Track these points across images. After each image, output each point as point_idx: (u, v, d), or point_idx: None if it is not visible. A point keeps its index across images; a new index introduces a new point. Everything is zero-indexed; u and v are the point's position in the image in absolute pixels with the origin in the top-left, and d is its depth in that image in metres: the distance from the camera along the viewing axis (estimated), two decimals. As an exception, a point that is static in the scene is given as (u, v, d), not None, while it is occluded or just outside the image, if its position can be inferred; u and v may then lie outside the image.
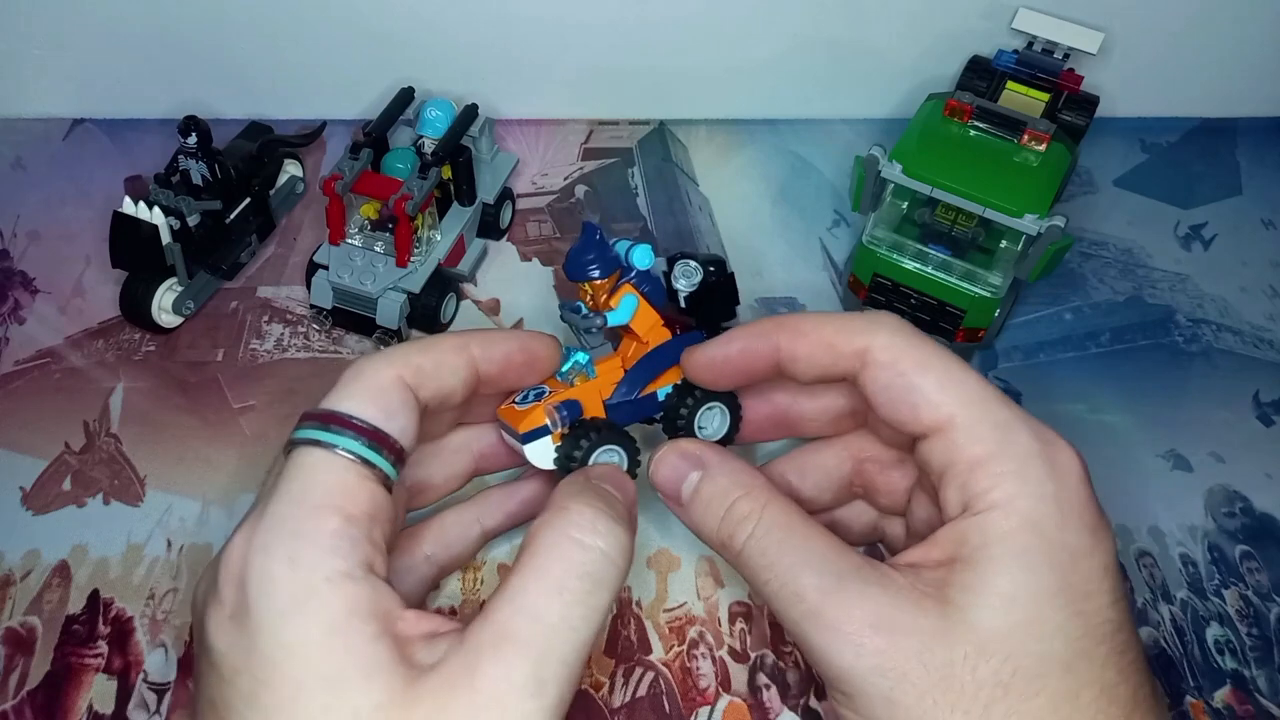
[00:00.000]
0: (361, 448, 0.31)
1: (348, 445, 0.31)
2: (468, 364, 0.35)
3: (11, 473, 0.45)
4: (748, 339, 0.36)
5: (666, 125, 0.60)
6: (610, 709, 0.39)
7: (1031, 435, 0.31)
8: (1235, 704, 0.40)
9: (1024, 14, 0.50)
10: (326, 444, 0.30)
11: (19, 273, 0.52)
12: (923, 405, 0.32)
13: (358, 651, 0.28)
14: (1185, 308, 0.53)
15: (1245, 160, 0.59)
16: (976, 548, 0.30)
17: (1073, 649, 0.29)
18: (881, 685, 0.29)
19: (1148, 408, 0.49)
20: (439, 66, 0.56)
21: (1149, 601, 0.43)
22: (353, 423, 0.31)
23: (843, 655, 0.30)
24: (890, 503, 0.38)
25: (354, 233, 0.49)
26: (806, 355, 0.35)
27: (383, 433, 0.31)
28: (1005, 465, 0.31)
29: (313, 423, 0.31)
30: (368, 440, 0.31)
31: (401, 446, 0.32)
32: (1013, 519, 0.30)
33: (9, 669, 0.39)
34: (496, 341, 0.36)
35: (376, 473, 0.31)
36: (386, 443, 0.31)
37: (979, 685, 0.28)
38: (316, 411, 0.32)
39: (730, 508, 0.34)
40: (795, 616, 0.31)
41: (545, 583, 0.29)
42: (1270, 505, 0.45)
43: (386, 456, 0.31)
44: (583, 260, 0.38)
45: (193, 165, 0.48)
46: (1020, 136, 0.46)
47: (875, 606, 0.30)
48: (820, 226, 0.56)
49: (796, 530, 0.33)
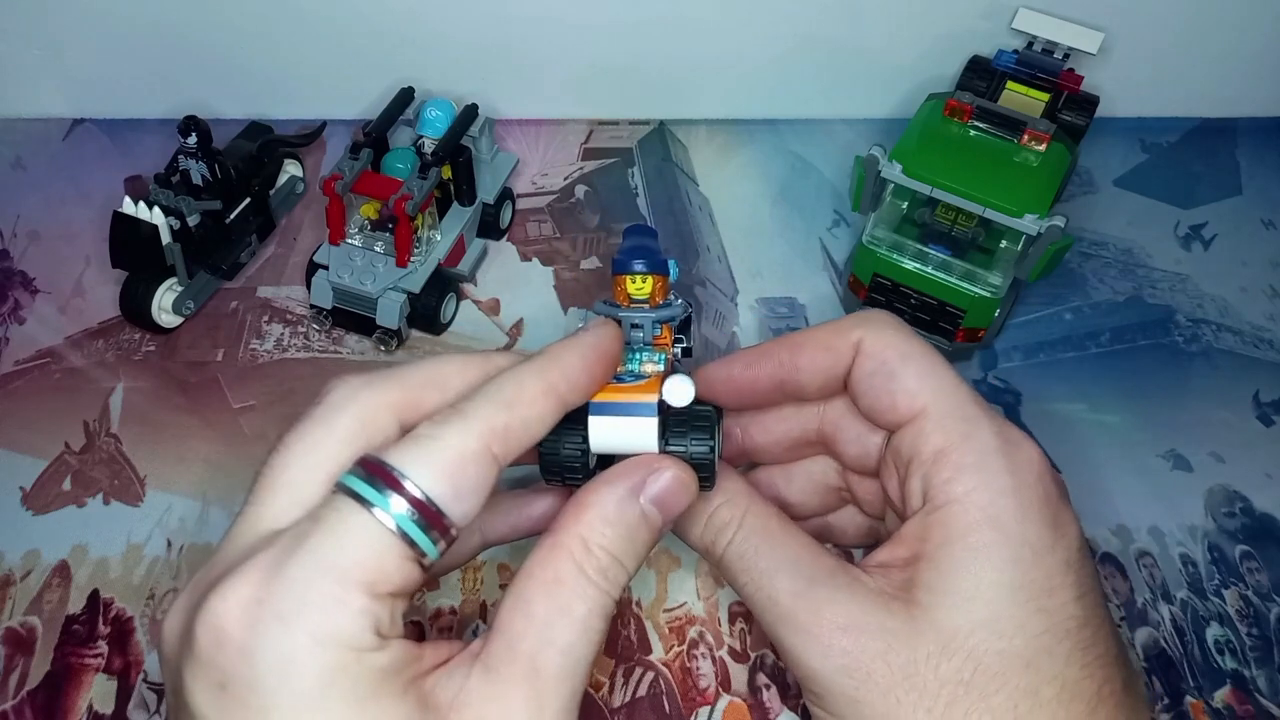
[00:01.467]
0: (414, 528, 0.26)
1: (400, 521, 0.26)
2: (557, 409, 0.30)
3: (11, 473, 0.45)
4: (750, 357, 0.37)
5: (666, 125, 0.60)
6: (610, 709, 0.39)
7: (993, 432, 0.32)
8: (1235, 704, 0.40)
9: (1024, 14, 0.50)
10: (376, 507, 0.26)
11: (19, 273, 0.52)
12: (900, 394, 0.33)
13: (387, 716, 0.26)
14: (1185, 308, 0.53)
15: (1245, 160, 0.59)
16: (939, 545, 0.30)
17: (1033, 645, 0.29)
18: (847, 685, 0.30)
19: (1148, 408, 0.49)
20: (439, 66, 0.56)
21: (1149, 601, 0.43)
22: (415, 498, 0.26)
23: (812, 656, 0.31)
24: (872, 510, 0.38)
25: (354, 233, 0.49)
26: (809, 362, 0.35)
27: (442, 516, 0.26)
28: (966, 458, 0.31)
29: (372, 478, 0.26)
30: (422, 518, 0.26)
31: (455, 532, 0.27)
32: (972, 513, 0.30)
33: (9, 669, 0.39)
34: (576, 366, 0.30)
35: (417, 551, 0.26)
36: (440, 525, 0.27)
37: (941, 683, 0.29)
38: (378, 464, 0.26)
39: (712, 514, 0.34)
40: (770, 620, 0.32)
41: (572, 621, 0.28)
42: (1270, 505, 0.45)
43: (435, 539, 0.27)
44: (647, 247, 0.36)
45: (193, 165, 0.48)
46: (1020, 136, 0.46)
47: (844, 609, 0.31)
48: (820, 226, 0.56)
49: (774, 535, 0.33)
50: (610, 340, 0.32)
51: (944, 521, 0.31)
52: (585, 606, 0.29)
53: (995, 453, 0.31)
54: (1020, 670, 0.29)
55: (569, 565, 0.29)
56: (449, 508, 0.27)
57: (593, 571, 0.29)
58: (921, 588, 0.30)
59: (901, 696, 0.29)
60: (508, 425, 0.28)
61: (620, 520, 0.30)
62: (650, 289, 0.36)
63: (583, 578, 0.29)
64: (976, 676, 0.29)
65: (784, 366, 0.36)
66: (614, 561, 0.30)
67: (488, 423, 0.27)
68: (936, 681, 0.29)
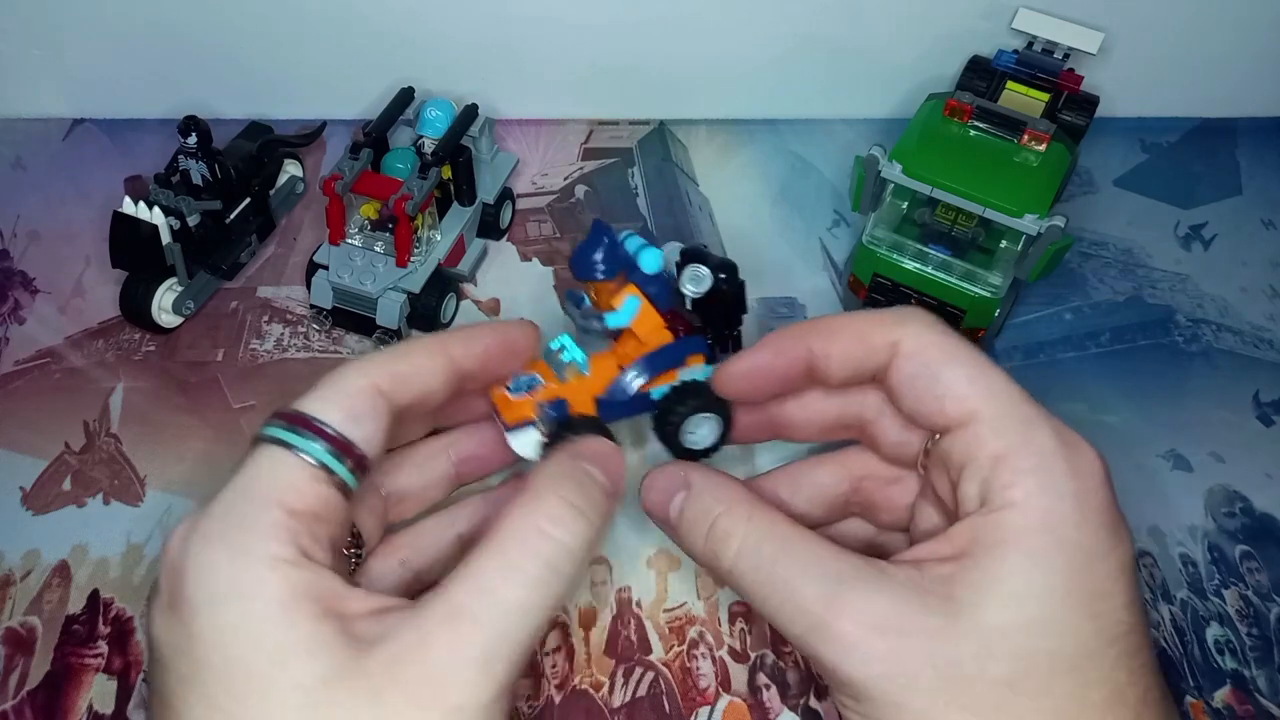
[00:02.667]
0: (320, 451, 0.30)
1: (306, 447, 0.30)
2: (446, 366, 0.35)
3: (11, 473, 0.45)
4: (779, 344, 0.36)
5: (666, 125, 0.60)
6: (610, 709, 0.39)
7: (1053, 434, 0.31)
8: (1235, 704, 0.40)
9: (1024, 14, 0.50)
10: (285, 443, 0.30)
11: (19, 273, 0.52)
12: (949, 398, 0.32)
13: (300, 629, 0.27)
14: (1185, 308, 0.52)
15: (1245, 160, 0.59)
16: (990, 545, 0.30)
17: (1083, 649, 0.29)
18: (891, 690, 0.29)
19: (1148, 408, 0.49)
20: (439, 66, 0.56)
21: (1149, 601, 0.42)
22: (314, 425, 0.31)
23: (852, 665, 0.29)
24: (892, 519, 0.38)
25: (354, 233, 0.49)
26: (841, 352, 0.35)
27: (345, 440, 0.31)
28: (1026, 461, 0.30)
29: (278, 421, 0.31)
30: (328, 444, 0.31)
31: (363, 454, 0.32)
32: (1030, 516, 0.30)
33: (9, 669, 0.39)
34: (475, 338, 0.36)
35: (333, 478, 0.31)
36: (349, 450, 0.31)
37: (988, 685, 0.28)
38: (285, 411, 0.32)
39: (711, 525, 0.34)
40: (799, 631, 0.30)
41: (504, 564, 0.29)
42: (1270, 505, 0.45)
43: (345, 463, 0.31)
44: (589, 259, 0.38)
45: (193, 165, 0.48)
46: (1020, 136, 0.46)
47: (878, 608, 0.29)
48: (820, 226, 0.56)
49: (786, 539, 0.32)
50: (517, 332, 0.37)
51: (1000, 524, 0.30)
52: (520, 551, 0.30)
53: (1057, 456, 0.31)
54: (1068, 673, 0.28)
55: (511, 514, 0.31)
56: (348, 430, 0.31)
57: (546, 522, 0.30)
58: (963, 585, 0.29)
59: (949, 699, 0.28)
60: (395, 370, 0.33)
61: (567, 473, 0.33)
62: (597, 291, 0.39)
63: (527, 525, 0.30)
64: (1025, 679, 0.28)
65: (814, 352, 0.35)
66: (569, 508, 0.31)
67: (379, 366, 0.33)
68: (983, 683, 0.28)
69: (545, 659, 0.40)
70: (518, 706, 0.39)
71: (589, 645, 0.41)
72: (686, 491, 0.35)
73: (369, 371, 0.33)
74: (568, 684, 0.40)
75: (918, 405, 0.33)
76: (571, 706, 0.39)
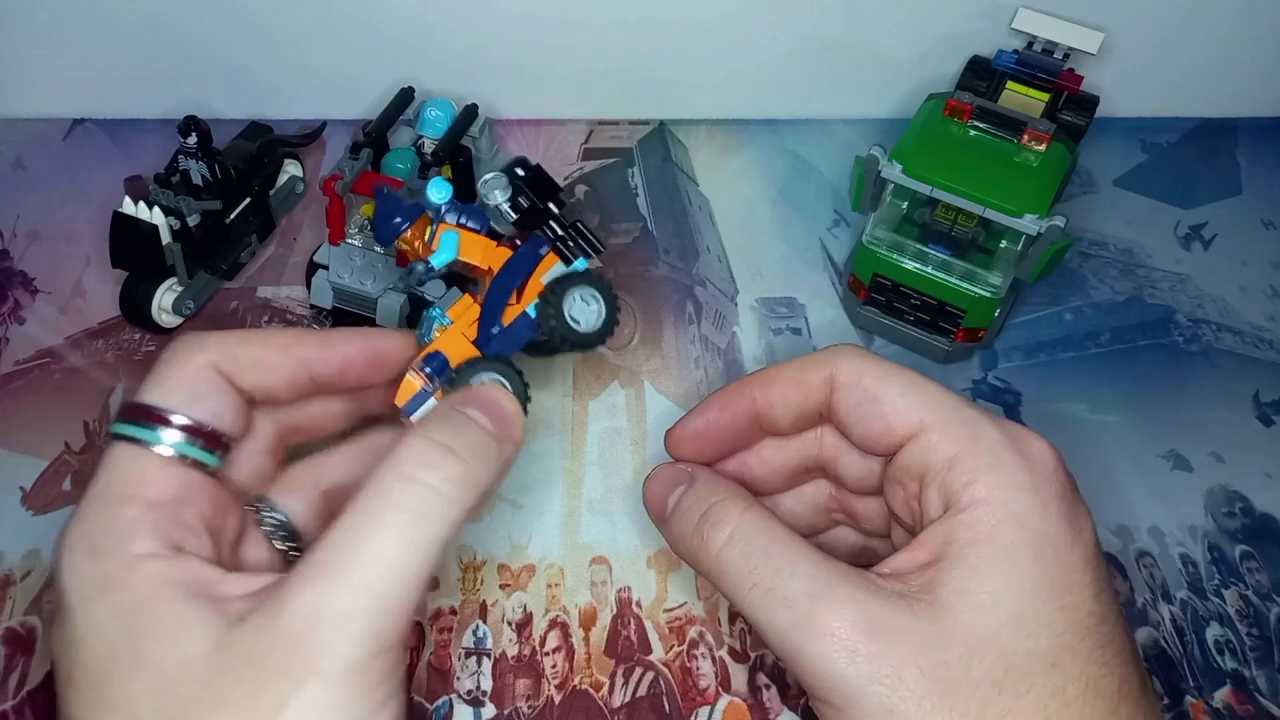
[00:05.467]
0: (166, 439, 0.31)
1: (151, 438, 0.31)
2: (293, 365, 0.34)
3: (11, 473, 0.45)
4: (722, 400, 0.37)
5: (666, 125, 0.60)
6: (610, 709, 0.39)
7: (999, 430, 0.32)
8: (1235, 704, 0.40)
9: (1024, 14, 0.50)
10: (132, 438, 0.31)
11: (19, 273, 0.52)
12: (893, 415, 0.33)
13: (163, 616, 0.28)
14: (1185, 308, 0.53)
15: (1245, 160, 0.59)
16: (964, 544, 0.30)
17: (1057, 644, 0.29)
18: (878, 692, 0.28)
19: (1148, 408, 0.49)
20: (439, 66, 0.56)
21: (1149, 601, 0.43)
22: (156, 414, 0.31)
23: (837, 662, 0.29)
24: (874, 527, 0.38)
25: (354, 233, 0.49)
26: (781, 397, 0.36)
27: (193, 423, 0.31)
28: (980, 459, 0.31)
29: (123, 418, 0.31)
30: (173, 430, 0.31)
31: (215, 430, 0.32)
32: (996, 512, 0.30)
33: (9, 669, 0.39)
34: (335, 343, 0.35)
35: (187, 461, 0.31)
36: (197, 431, 0.31)
37: (974, 685, 0.28)
38: (129, 403, 0.32)
39: (706, 511, 0.34)
40: (783, 624, 0.30)
41: (360, 517, 0.29)
42: (1270, 505, 0.45)
43: (196, 444, 0.31)
44: (386, 223, 0.38)
45: (193, 165, 0.48)
46: (1020, 136, 0.46)
47: (867, 611, 0.29)
48: (820, 226, 0.56)
49: (779, 536, 0.32)
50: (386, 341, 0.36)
51: (969, 523, 0.30)
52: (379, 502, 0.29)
53: (1007, 449, 0.31)
54: (1047, 669, 0.29)
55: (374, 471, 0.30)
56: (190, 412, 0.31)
57: (411, 465, 0.30)
58: (946, 588, 0.29)
59: (936, 701, 0.28)
60: (233, 354, 0.33)
61: (438, 416, 0.33)
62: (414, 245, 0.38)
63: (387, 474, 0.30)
64: (1007, 677, 0.28)
65: (757, 403, 0.36)
66: (437, 448, 0.30)
67: (215, 345, 0.33)
68: (969, 684, 0.28)
69: (545, 659, 0.40)
70: (517, 706, 0.39)
71: (589, 645, 0.41)
72: (688, 485, 0.35)
73: (205, 348, 0.33)
74: (568, 684, 0.40)
75: (867, 430, 0.34)
76: (571, 706, 0.39)
